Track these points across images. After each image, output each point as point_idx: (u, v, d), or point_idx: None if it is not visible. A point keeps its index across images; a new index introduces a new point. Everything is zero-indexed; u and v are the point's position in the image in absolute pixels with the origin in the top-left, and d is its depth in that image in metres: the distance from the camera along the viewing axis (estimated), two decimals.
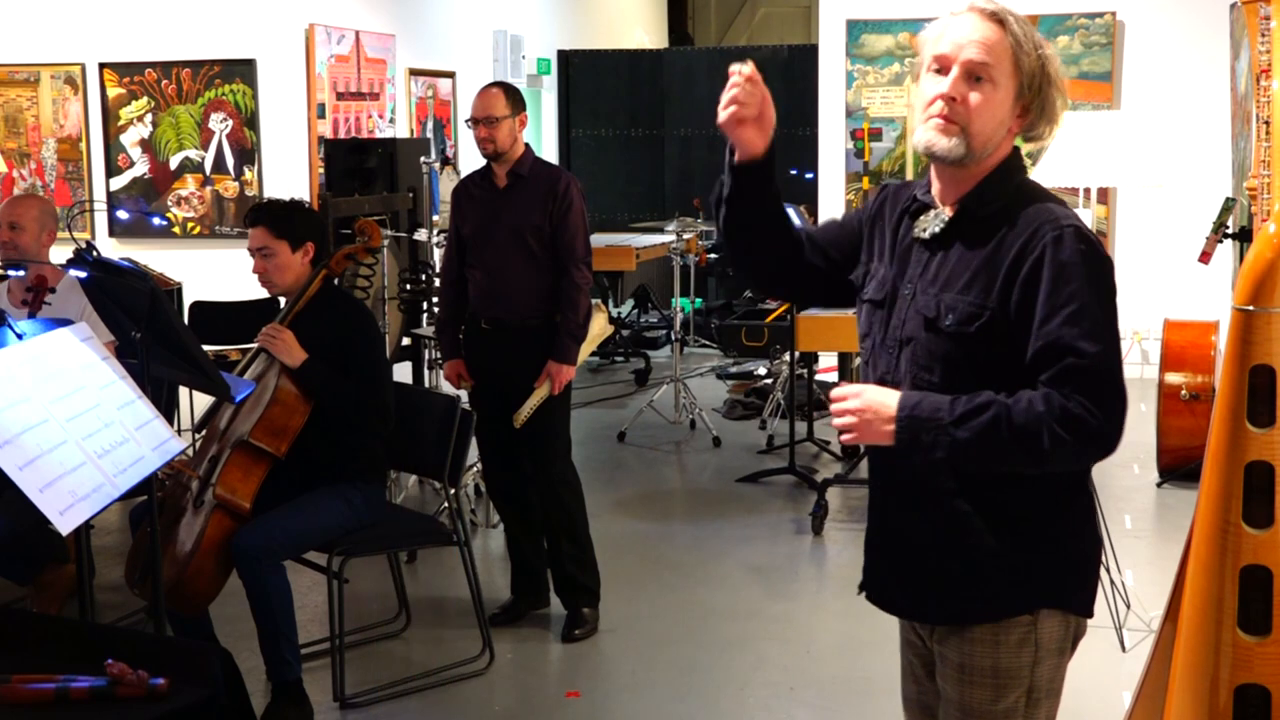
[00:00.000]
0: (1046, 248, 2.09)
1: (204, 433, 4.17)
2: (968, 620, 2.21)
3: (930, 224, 2.23)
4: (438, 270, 6.09)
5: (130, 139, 8.60)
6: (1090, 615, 2.27)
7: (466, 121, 4.64)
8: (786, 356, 7.39)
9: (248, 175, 8.47)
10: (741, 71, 2.17)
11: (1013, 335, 2.11)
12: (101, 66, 8.55)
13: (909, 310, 2.22)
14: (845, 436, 2.15)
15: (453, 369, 4.71)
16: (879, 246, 2.33)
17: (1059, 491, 2.19)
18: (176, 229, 8.57)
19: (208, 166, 8.53)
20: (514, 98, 4.57)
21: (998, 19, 2.16)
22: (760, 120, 2.21)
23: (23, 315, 4.02)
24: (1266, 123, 3.62)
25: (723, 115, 2.19)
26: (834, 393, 2.19)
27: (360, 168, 6.75)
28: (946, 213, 2.22)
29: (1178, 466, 6.14)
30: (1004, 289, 2.12)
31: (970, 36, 2.15)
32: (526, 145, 4.64)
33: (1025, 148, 2.28)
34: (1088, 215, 5.14)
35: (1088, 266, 2.09)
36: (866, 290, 2.32)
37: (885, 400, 2.12)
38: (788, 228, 2.35)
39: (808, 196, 9.62)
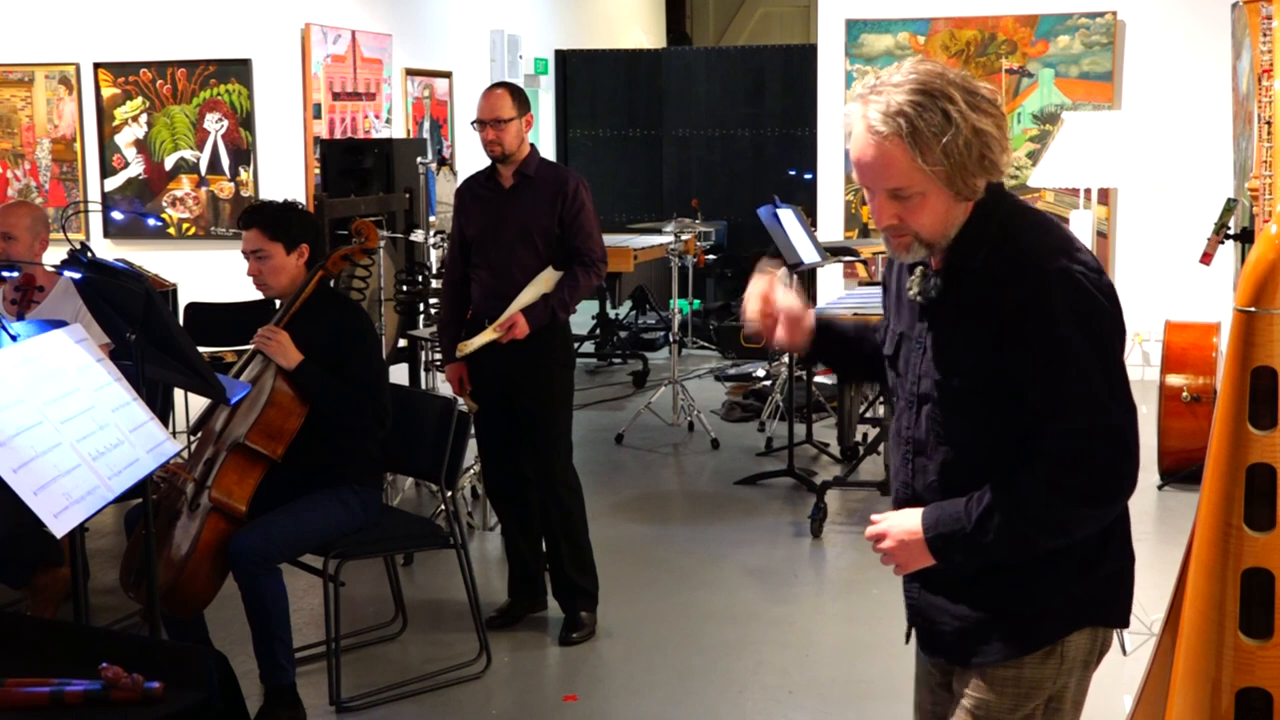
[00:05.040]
0: (1027, 304, 2.04)
1: (199, 435, 4.15)
2: (1004, 658, 2.19)
3: (920, 284, 2.19)
4: (434, 271, 6.08)
5: (125, 139, 8.57)
6: (1125, 624, 2.25)
7: (473, 123, 4.59)
8: (785, 358, 7.37)
9: (243, 176, 8.45)
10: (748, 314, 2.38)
11: (1019, 388, 2.08)
12: (96, 66, 8.52)
13: (923, 367, 2.21)
14: (895, 571, 2.23)
15: (454, 372, 4.64)
16: (891, 306, 2.36)
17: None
18: (172, 230, 8.55)
19: (203, 167, 8.50)
20: (520, 99, 4.56)
21: (888, 133, 1.99)
22: (787, 324, 2.37)
23: (13, 316, 4.00)
24: (1268, 123, 3.61)
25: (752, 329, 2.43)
26: (867, 533, 2.26)
27: (356, 168, 6.73)
28: (934, 269, 2.18)
29: (1179, 469, 6.12)
30: (999, 346, 2.08)
31: (867, 161, 2.04)
32: (532, 145, 4.62)
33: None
34: (1088, 216, 5.11)
35: (1075, 317, 2.03)
36: (886, 348, 2.35)
37: (910, 527, 2.16)
38: (874, 349, 2.46)
39: (807, 197, 9.61)
